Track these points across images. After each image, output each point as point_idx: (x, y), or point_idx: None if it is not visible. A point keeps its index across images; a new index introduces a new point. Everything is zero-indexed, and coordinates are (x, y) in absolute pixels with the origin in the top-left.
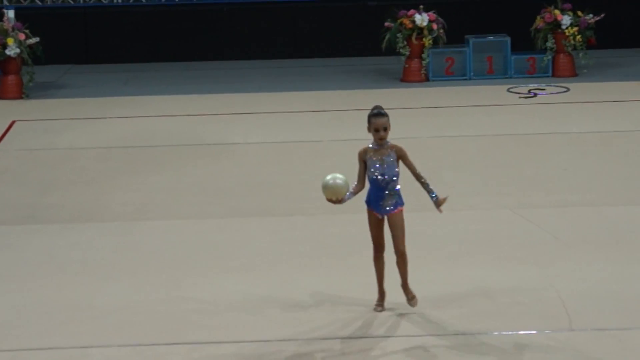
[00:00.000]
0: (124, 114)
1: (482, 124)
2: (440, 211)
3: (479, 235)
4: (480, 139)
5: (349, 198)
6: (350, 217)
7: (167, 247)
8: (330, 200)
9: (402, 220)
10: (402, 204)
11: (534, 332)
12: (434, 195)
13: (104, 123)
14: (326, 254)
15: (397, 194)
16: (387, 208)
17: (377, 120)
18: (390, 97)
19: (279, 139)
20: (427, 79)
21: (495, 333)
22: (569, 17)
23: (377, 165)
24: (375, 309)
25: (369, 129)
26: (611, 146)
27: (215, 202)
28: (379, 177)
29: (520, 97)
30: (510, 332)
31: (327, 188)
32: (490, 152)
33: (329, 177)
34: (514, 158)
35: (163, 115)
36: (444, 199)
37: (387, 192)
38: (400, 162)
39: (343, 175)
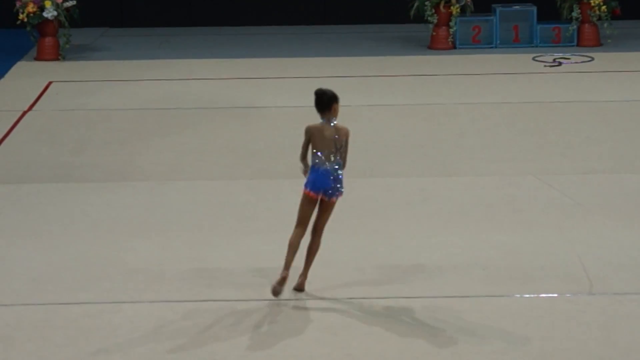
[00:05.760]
0: (157, 77)
1: (507, 91)
2: None
3: (502, 201)
4: (505, 106)
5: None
6: (379, 181)
7: (196, 206)
8: None
9: None
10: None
11: (555, 295)
12: None
13: (137, 85)
14: (354, 216)
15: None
16: None
17: None
18: (418, 64)
19: (307, 103)
20: (454, 47)
21: (517, 295)
22: None
23: None
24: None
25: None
26: (634, 115)
27: (244, 163)
28: None
29: (545, 66)
30: (531, 295)
31: None
32: (515, 119)
33: None
34: (538, 125)
35: (195, 79)
36: None
37: None
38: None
39: None
